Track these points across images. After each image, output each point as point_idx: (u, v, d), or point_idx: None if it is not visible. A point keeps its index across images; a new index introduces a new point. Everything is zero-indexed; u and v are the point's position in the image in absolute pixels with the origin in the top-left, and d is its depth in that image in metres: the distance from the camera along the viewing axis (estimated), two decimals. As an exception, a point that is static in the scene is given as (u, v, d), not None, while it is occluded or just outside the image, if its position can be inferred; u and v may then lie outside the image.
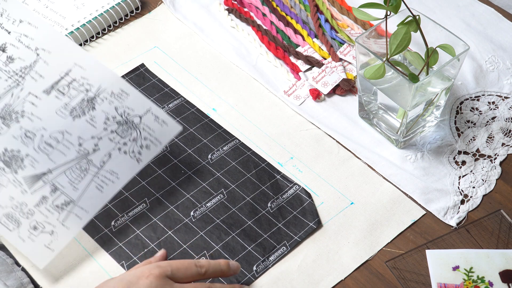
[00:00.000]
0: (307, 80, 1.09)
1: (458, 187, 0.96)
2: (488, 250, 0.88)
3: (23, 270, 0.88)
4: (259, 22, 1.19)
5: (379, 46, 0.97)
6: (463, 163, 0.99)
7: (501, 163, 0.99)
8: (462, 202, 0.95)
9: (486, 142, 1.01)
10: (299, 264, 0.89)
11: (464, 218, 0.93)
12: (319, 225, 0.92)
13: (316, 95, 1.06)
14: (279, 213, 0.93)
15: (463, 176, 0.97)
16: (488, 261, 0.87)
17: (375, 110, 1.01)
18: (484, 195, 0.95)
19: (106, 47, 1.15)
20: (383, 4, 0.90)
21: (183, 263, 0.82)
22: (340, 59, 1.11)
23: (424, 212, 0.94)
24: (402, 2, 0.89)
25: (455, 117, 1.04)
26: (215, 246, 0.90)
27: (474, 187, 0.96)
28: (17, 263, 0.89)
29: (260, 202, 0.94)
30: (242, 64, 1.12)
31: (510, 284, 0.85)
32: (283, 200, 0.95)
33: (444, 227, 0.92)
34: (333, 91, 1.08)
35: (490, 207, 0.94)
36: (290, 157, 1.00)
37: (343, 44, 1.13)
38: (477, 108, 1.05)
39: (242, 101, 1.07)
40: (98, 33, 1.16)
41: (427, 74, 0.91)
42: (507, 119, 1.03)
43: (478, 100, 1.06)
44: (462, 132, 1.02)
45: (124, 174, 0.90)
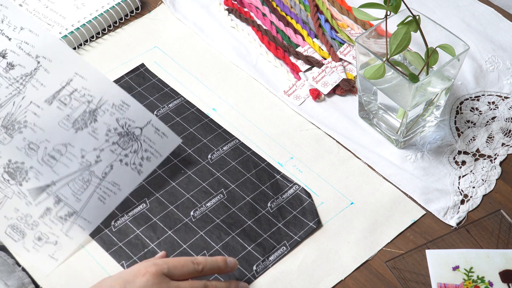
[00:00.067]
0: (307, 80, 1.09)
1: (458, 187, 0.96)
2: (488, 250, 0.88)
3: (24, 270, 0.88)
4: (259, 22, 1.19)
5: (379, 46, 0.97)
6: (463, 163, 0.99)
7: (501, 163, 0.99)
8: (462, 202, 0.95)
9: (486, 142, 1.01)
10: (299, 264, 0.89)
11: (464, 218, 0.93)
12: (319, 225, 0.92)
13: (316, 95, 1.06)
14: (279, 213, 0.93)
15: (463, 176, 0.97)
16: (488, 261, 0.87)
17: (375, 110, 1.01)
18: (484, 195, 0.95)
19: (106, 47, 1.15)
20: (383, 4, 0.90)
21: (179, 260, 0.81)
22: (340, 59, 1.11)
23: (424, 212, 0.94)
24: (402, 2, 0.89)
25: (455, 117, 1.04)
26: (215, 246, 0.90)
27: (474, 187, 0.96)
28: (18, 264, 0.89)
29: (260, 202, 0.94)
30: (242, 64, 1.12)
31: (510, 284, 0.85)
32: (283, 200, 0.95)
33: (444, 227, 0.92)
34: (333, 91, 1.08)
35: (490, 207, 0.94)
36: (290, 157, 1.00)
37: (343, 44, 1.13)
38: (477, 108, 1.05)
39: (242, 101, 1.07)
40: (98, 33, 1.16)
41: (427, 74, 0.91)
42: (507, 119, 1.03)
43: (478, 100, 1.06)
44: (462, 132, 1.02)
45: (125, 185, 0.93)
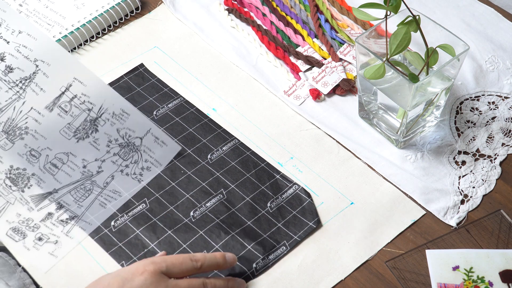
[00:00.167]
0: (307, 80, 1.09)
1: (458, 187, 0.96)
2: (488, 250, 0.88)
3: (24, 271, 0.88)
4: (259, 22, 1.19)
5: (379, 46, 0.97)
6: (463, 163, 0.99)
7: (501, 163, 0.99)
8: (462, 202, 0.95)
9: (486, 142, 1.01)
10: (299, 264, 0.89)
11: (464, 218, 0.93)
12: (318, 224, 0.92)
13: (316, 95, 1.06)
14: (278, 213, 0.93)
15: (463, 176, 0.97)
16: (488, 261, 0.87)
17: (375, 110, 1.01)
18: (484, 195, 0.95)
19: (106, 47, 1.15)
20: (383, 4, 0.90)
21: (178, 258, 0.81)
22: (340, 59, 1.11)
23: (424, 212, 0.94)
24: (402, 2, 0.89)
25: (455, 117, 1.04)
26: (215, 245, 0.90)
27: (474, 187, 0.96)
28: (19, 264, 0.89)
29: (259, 202, 0.94)
30: (242, 64, 1.12)
31: (510, 284, 0.85)
32: (283, 200, 0.94)
33: (444, 227, 0.92)
34: (333, 91, 1.08)
35: (490, 207, 0.94)
36: (290, 157, 1.00)
37: (343, 44, 1.13)
38: (477, 108, 1.05)
39: (242, 101, 1.07)
40: (98, 33, 1.16)
41: (427, 74, 0.91)
42: (507, 119, 1.03)
43: (478, 100, 1.06)
44: (462, 132, 1.02)
45: (126, 191, 0.94)
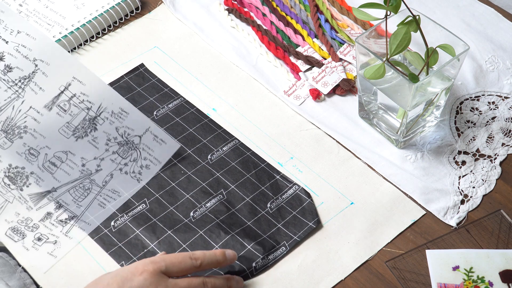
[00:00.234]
0: (307, 80, 1.09)
1: (458, 187, 0.96)
2: (488, 250, 0.88)
3: (24, 271, 0.88)
4: (259, 22, 1.19)
5: (379, 46, 0.96)
6: (463, 163, 0.99)
7: (501, 163, 0.99)
8: (462, 202, 0.95)
9: (486, 142, 1.01)
10: (299, 264, 0.89)
11: (464, 218, 0.93)
12: (318, 224, 0.92)
13: (316, 95, 1.06)
14: (278, 213, 0.93)
15: (463, 176, 0.97)
16: (488, 261, 0.87)
17: (375, 110, 1.01)
18: (484, 195, 0.95)
19: (106, 47, 1.15)
20: (383, 4, 0.89)
21: (177, 256, 0.81)
22: (340, 59, 1.11)
23: (424, 212, 0.94)
24: (402, 2, 0.89)
25: (455, 117, 1.03)
26: (215, 245, 0.90)
27: (474, 187, 0.96)
28: (19, 264, 0.89)
29: (259, 203, 0.94)
30: (242, 64, 1.12)
31: (510, 284, 0.85)
32: (283, 200, 0.94)
33: (444, 227, 0.92)
34: (333, 91, 1.08)
35: (490, 207, 0.94)
36: (290, 157, 1.00)
37: (343, 44, 1.13)
38: (477, 108, 1.05)
39: (242, 101, 1.07)
40: (98, 33, 1.16)
41: (427, 74, 0.91)
42: (507, 119, 1.03)
43: (478, 100, 1.06)
44: (462, 132, 1.02)
45: (125, 192, 0.94)
